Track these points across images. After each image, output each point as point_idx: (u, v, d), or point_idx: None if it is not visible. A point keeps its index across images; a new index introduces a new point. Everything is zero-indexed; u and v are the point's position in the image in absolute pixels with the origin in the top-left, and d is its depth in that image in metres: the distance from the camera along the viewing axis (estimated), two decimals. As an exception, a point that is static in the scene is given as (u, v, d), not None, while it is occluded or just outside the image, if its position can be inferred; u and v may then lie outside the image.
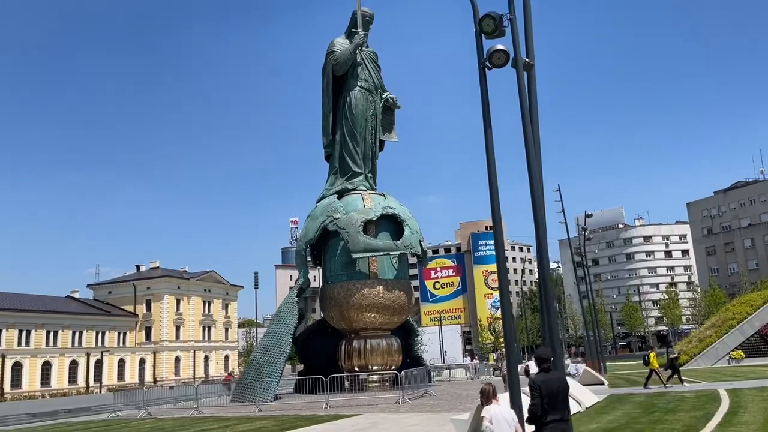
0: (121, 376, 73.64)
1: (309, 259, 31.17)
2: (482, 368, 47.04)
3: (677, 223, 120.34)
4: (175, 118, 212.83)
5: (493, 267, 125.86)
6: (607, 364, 59.04)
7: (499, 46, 10.26)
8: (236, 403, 25.91)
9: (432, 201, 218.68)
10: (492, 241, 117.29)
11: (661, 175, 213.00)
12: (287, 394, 29.43)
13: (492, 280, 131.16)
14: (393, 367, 28.18)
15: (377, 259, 28.26)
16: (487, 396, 6.84)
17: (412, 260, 32.03)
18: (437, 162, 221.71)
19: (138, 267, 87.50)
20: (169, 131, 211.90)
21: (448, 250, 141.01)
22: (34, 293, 75.61)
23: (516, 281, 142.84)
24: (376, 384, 27.87)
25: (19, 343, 64.31)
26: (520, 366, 35.83)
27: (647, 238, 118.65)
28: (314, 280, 34.72)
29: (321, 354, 30.54)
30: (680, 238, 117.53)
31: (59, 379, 66.52)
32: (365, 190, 29.85)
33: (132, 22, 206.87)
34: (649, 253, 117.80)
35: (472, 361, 54.45)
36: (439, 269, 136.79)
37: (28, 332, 65.62)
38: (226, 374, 55.20)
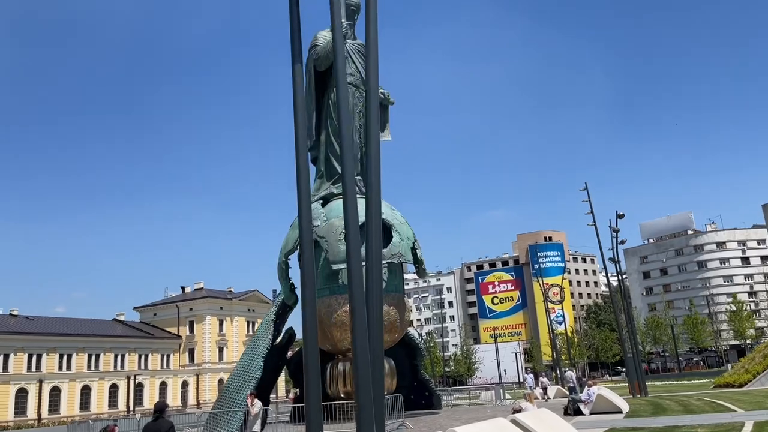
0: (162, 399, 72.95)
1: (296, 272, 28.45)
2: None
3: (754, 227, 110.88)
4: (230, 137, 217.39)
5: (554, 279, 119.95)
6: (665, 383, 53.43)
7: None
8: (204, 434, 23.26)
9: (490, 215, 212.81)
10: (553, 253, 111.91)
11: (733, 177, 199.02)
12: (280, 423, 26.66)
13: (553, 293, 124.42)
14: (384, 393, 24.93)
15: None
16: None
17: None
18: (494, 174, 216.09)
19: (183, 288, 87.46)
20: (222, 148, 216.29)
21: (505, 263, 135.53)
22: (97, 317, 77.11)
23: (580, 294, 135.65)
24: (367, 412, 24.71)
25: (60, 368, 64.56)
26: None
27: (720, 245, 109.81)
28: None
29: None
30: (758, 243, 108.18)
31: (99, 404, 66.35)
32: (352, 195, 26.86)
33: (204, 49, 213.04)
34: (723, 261, 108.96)
35: (538, 379, 46.83)
36: (497, 283, 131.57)
37: (69, 356, 65.89)
38: None
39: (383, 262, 24.69)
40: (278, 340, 29.23)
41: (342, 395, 24.81)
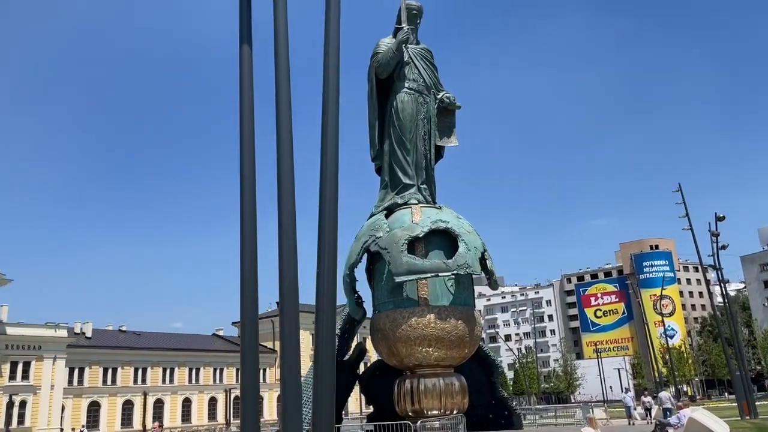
0: (259, 412, 74.47)
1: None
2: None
3: None
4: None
5: (663, 291, 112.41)
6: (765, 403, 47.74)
7: None
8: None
9: (591, 224, 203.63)
10: (660, 262, 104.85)
11: None
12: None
13: (664, 305, 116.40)
14: (455, 412, 23.54)
15: (428, 283, 23.97)
16: None
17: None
18: (594, 182, 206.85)
19: (278, 303, 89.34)
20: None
21: (608, 274, 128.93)
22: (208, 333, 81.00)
23: (693, 305, 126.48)
24: (438, 432, 23.44)
25: (163, 381, 67.44)
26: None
27: None
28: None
29: (389, 394, 26.75)
30: None
31: (199, 416, 68.64)
32: (417, 204, 25.84)
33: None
34: None
35: (643, 398, 42.01)
36: (599, 295, 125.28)
37: (172, 370, 68.71)
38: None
39: (448, 273, 23.72)
40: (347, 356, 28.57)
41: (410, 414, 23.67)
